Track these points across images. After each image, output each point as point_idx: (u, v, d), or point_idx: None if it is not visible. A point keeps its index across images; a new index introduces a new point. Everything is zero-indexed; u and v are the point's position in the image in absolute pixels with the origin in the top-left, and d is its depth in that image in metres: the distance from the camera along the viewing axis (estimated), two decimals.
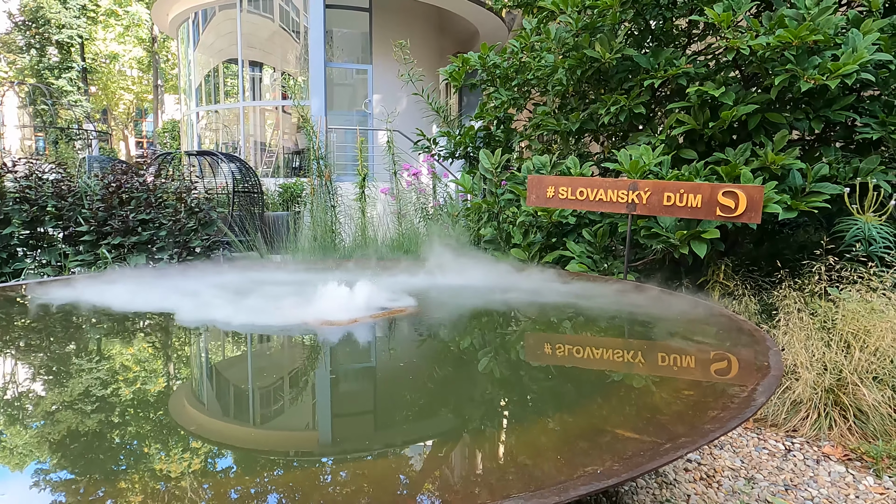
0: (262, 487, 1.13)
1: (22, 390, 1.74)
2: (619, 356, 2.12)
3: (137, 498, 1.07)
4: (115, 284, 2.93)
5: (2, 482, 1.03)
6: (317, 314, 2.41)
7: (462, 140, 6.64)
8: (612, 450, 1.23)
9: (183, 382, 1.89)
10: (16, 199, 4.77)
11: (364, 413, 1.63)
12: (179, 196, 5.19)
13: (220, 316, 2.45)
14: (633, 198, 3.82)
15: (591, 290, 3.18)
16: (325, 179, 6.08)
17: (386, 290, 2.85)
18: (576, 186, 4.03)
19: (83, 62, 31.75)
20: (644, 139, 4.56)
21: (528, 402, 1.65)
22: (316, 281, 3.28)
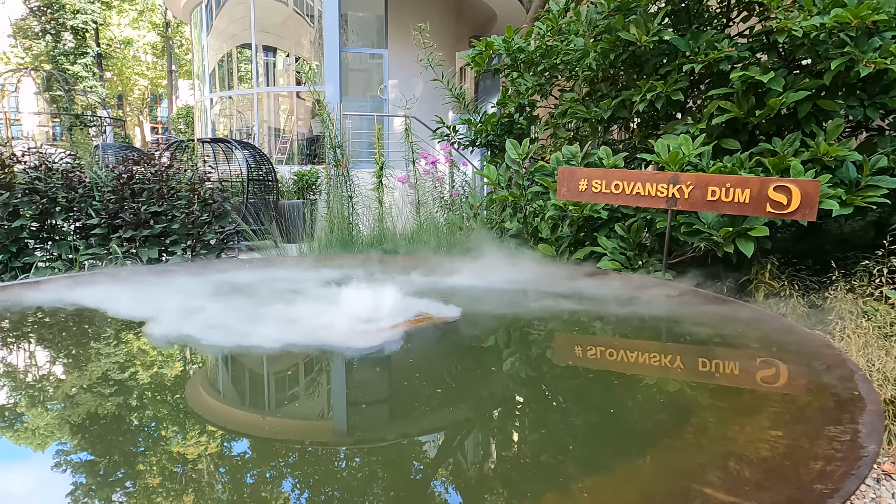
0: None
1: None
2: (683, 380, 1.88)
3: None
4: (96, 286, 2.64)
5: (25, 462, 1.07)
6: (340, 328, 2.15)
7: (483, 128, 6.38)
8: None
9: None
10: (25, 191, 4.61)
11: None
12: (192, 187, 5.01)
13: (217, 334, 2.05)
14: (673, 192, 3.55)
15: (650, 296, 2.89)
16: (341, 168, 5.87)
17: (418, 294, 2.62)
18: (611, 179, 3.77)
19: (98, 48, 31.72)
20: (681, 128, 4.28)
21: (606, 445, 1.43)
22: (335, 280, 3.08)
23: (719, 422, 1.51)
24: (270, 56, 18.62)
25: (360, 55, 14.45)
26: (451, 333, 2.34)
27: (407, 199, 7.07)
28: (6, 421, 1.51)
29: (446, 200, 7.04)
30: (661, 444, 1.41)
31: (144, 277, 2.73)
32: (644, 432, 1.49)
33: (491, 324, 2.59)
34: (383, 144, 7.35)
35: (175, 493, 1.15)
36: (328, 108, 6.20)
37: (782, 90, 3.75)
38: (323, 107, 6.15)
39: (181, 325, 2.10)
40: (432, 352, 2.22)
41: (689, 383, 1.83)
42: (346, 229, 5.73)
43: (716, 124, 4.14)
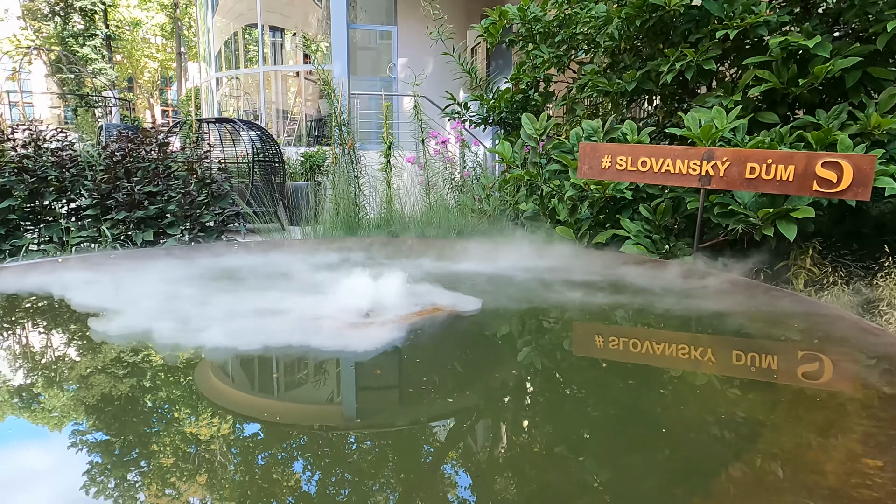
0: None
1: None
2: (752, 391, 1.58)
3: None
4: (58, 273, 2.33)
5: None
6: (332, 323, 1.83)
7: (496, 104, 6.05)
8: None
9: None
10: (14, 170, 4.37)
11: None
12: (190, 166, 4.75)
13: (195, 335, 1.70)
14: (707, 169, 3.23)
15: (704, 287, 2.56)
16: (347, 148, 5.58)
17: (429, 281, 2.33)
18: (637, 156, 3.46)
19: (107, 29, 31.44)
20: (713, 101, 3.93)
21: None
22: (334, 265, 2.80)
23: (798, 447, 1.22)
24: (278, 37, 18.26)
25: (369, 34, 14.06)
26: (471, 331, 2.02)
27: (416, 181, 6.78)
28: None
29: (457, 182, 6.74)
30: (732, 479, 1.12)
31: (120, 262, 2.46)
32: (708, 461, 1.20)
33: (518, 319, 2.25)
34: (391, 124, 7.05)
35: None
36: (334, 86, 5.89)
37: (829, 56, 3.40)
38: (329, 84, 5.84)
39: (137, 320, 1.79)
40: (447, 358, 1.81)
41: (760, 394, 1.53)
42: (352, 211, 5.46)
43: (752, 96, 3.80)
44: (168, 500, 1.04)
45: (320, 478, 1.12)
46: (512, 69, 5.90)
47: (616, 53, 4.76)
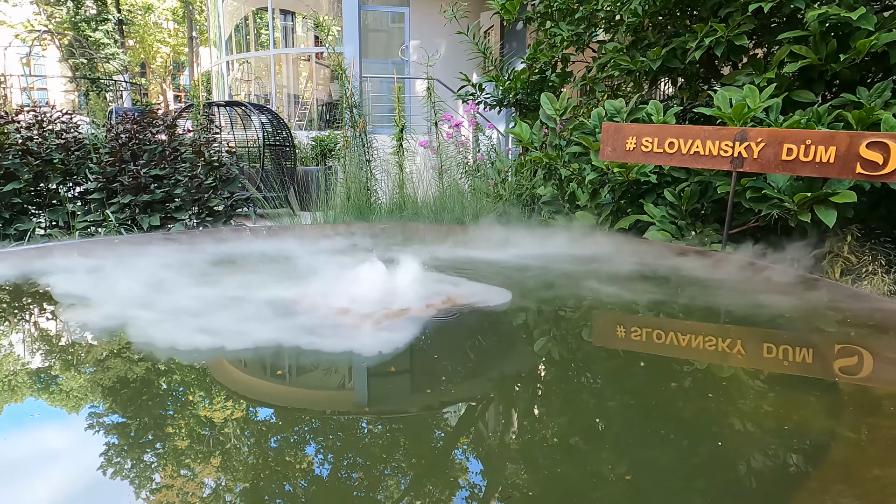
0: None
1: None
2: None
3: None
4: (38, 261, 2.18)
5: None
6: (338, 319, 1.66)
7: (512, 85, 5.85)
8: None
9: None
10: (18, 153, 4.27)
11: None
12: (198, 149, 4.62)
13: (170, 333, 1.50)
14: (740, 150, 3.04)
15: (760, 281, 2.37)
16: (359, 130, 5.42)
17: (449, 271, 2.18)
18: (664, 137, 3.27)
19: (119, 14, 31.35)
20: (744, 79, 3.72)
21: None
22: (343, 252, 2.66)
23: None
24: (289, 20, 18.06)
25: (381, 16, 13.80)
26: (501, 329, 1.84)
27: (429, 165, 6.61)
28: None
29: (471, 166, 6.56)
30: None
31: (115, 248, 2.34)
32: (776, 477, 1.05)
33: (554, 314, 2.05)
34: (404, 106, 6.87)
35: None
36: (345, 66, 5.72)
37: (873, 30, 3.17)
38: (339, 62, 5.67)
39: (115, 312, 1.63)
40: (471, 362, 1.58)
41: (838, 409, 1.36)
42: (363, 196, 5.31)
43: (786, 73, 3.58)
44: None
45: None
46: (527, 52, 5.68)
47: (639, 30, 4.54)
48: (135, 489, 0.98)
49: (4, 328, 1.74)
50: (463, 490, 0.99)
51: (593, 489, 1.00)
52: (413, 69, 12.11)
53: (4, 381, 1.37)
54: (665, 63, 4.07)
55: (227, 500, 0.95)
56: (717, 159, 3.12)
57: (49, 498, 0.96)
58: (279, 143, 8.71)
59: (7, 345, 1.61)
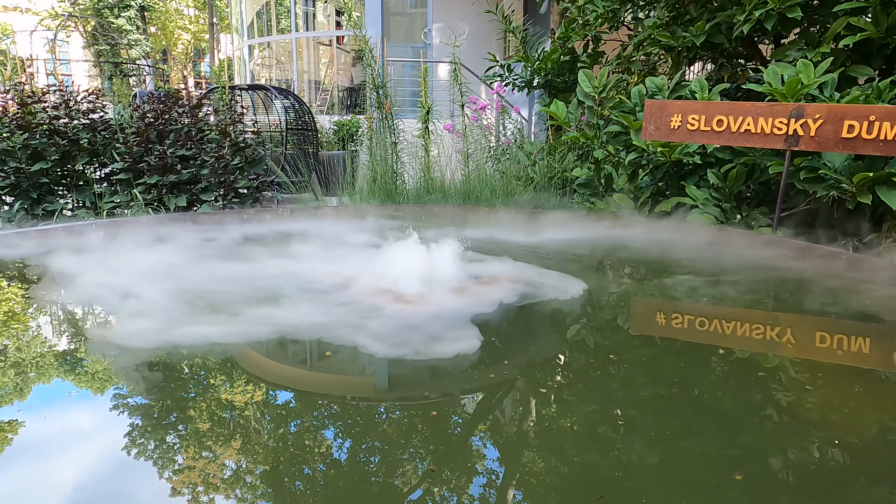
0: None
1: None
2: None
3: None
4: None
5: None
6: (377, 308, 1.55)
7: (542, 66, 5.68)
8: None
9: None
10: (46, 132, 4.24)
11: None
12: (223, 130, 4.54)
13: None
14: (795, 128, 2.86)
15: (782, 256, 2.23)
16: (384, 111, 5.30)
17: (505, 257, 2.06)
18: (712, 114, 3.10)
19: (141, 0, 31.50)
20: (795, 54, 3.52)
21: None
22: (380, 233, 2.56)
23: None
24: (310, 6, 17.93)
25: (403, 0, 13.62)
26: (583, 327, 1.70)
27: (454, 148, 6.47)
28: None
29: (497, 150, 6.41)
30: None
31: (120, 229, 2.27)
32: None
33: (650, 309, 1.89)
34: (429, 86, 6.72)
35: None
36: (370, 45, 5.59)
37: None
38: (366, 42, 5.54)
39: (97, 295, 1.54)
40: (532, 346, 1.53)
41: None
42: (390, 179, 5.20)
43: (842, 47, 3.37)
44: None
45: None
46: (549, 34, 5.51)
47: (680, 6, 4.34)
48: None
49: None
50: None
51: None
52: (436, 53, 11.92)
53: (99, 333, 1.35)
54: (709, 38, 3.88)
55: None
56: (770, 137, 2.95)
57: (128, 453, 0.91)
58: (302, 127, 8.63)
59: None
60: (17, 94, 4.37)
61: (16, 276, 1.98)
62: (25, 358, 1.35)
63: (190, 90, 5.17)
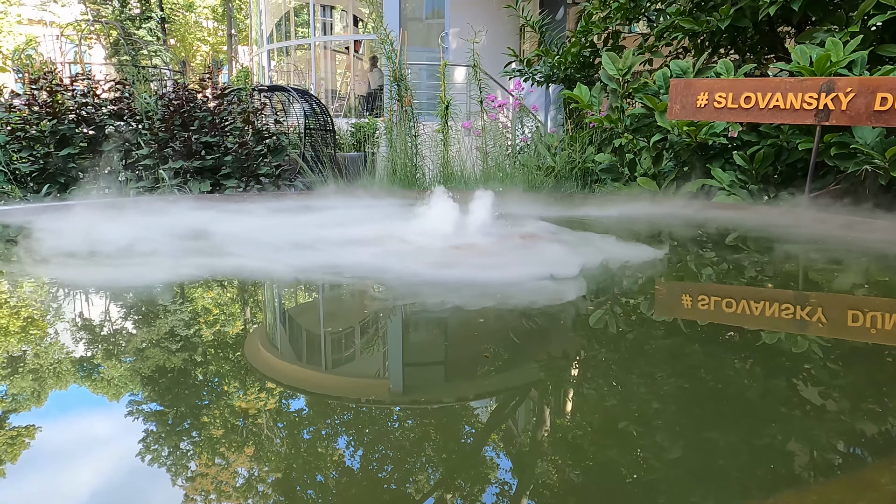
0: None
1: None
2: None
3: None
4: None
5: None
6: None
7: (562, 60, 5.68)
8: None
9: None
10: (73, 119, 4.31)
11: None
12: (246, 117, 4.59)
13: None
14: (826, 102, 2.83)
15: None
16: (405, 104, 5.33)
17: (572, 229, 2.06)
18: (740, 91, 3.07)
19: (161, 12, 32.18)
20: (822, 35, 3.49)
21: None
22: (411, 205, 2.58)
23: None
24: (328, 16, 18.19)
25: (419, 8, 13.75)
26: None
27: (473, 146, 6.49)
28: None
29: (515, 147, 6.41)
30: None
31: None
32: None
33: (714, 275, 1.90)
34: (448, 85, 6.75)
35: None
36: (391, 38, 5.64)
37: None
38: (386, 34, 5.59)
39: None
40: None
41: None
42: (410, 170, 5.22)
43: (872, 26, 3.34)
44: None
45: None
46: (565, 32, 5.53)
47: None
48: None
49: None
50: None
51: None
52: (452, 58, 12.00)
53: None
54: (734, 22, 3.86)
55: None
56: (800, 113, 2.92)
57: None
58: (320, 128, 8.70)
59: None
60: (47, 82, 4.46)
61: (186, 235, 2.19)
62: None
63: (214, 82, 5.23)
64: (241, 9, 34.61)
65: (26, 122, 4.22)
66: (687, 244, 2.54)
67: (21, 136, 4.18)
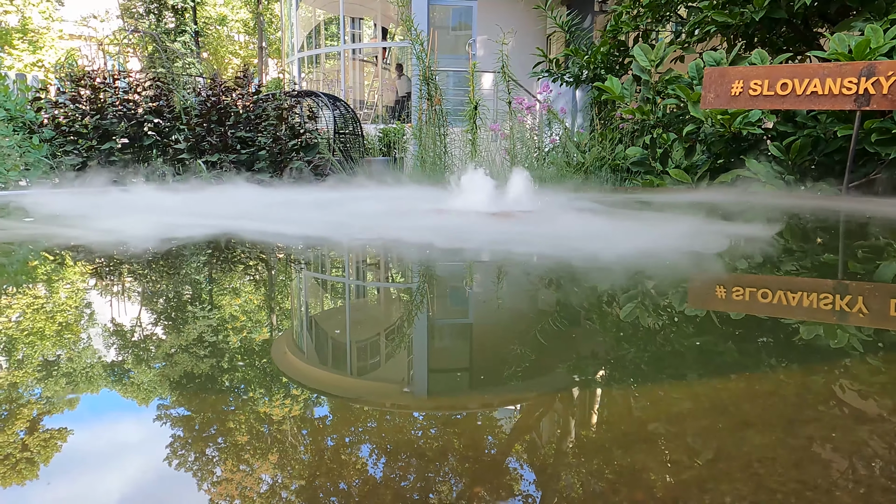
0: None
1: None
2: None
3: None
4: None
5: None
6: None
7: (591, 59, 5.69)
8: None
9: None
10: (116, 115, 4.46)
11: None
12: (280, 114, 4.69)
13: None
14: (866, 87, 2.78)
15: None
16: (434, 104, 5.39)
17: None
18: (776, 78, 3.04)
19: (195, 26, 33.16)
20: (860, 24, 3.43)
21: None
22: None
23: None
24: (357, 28, 18.53)
25: (447, 14, 13.91)
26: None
27: (500, 148, 6.51)
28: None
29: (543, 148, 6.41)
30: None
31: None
32: None
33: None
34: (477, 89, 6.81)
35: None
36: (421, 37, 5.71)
37: None
38: (417, 34, 5.67)
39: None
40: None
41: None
42: (439, 168, 5.26)
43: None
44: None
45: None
46: (591, 34, 5.54)
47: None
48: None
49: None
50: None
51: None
52: (480, 65, 12.09)
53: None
54: (768, 14, 3.82)
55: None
56: (839, 98, 2.87)
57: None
58: (349, 133, 8.83)
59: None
60: (90, 80, 4.62)
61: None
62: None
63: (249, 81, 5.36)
64: (272, 22, 35.47)
65: (71, 118, 4.39)
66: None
67: (66, 131, 4.33)
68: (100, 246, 1.93)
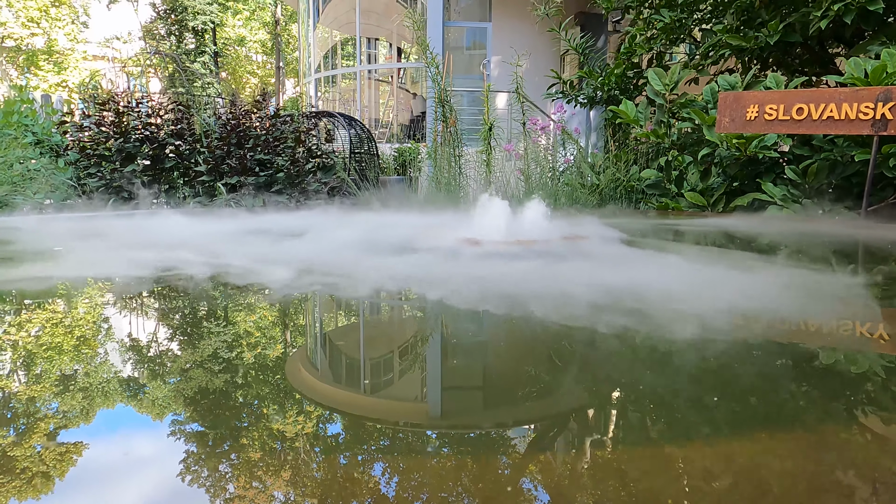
0: None
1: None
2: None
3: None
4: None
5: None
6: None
7: (605, 81, 5.72)
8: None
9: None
10: (139, 139, 4.56)
11: None
12: (298, 137, 4.77)
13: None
14: (883, 112, 2.77)
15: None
16: (449, 125, 5.44)
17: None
18: (791, 102, 3.04)
19: (215, 46, 33.91)
20: (876, 48, 3.43)
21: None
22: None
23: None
24: (373, 48, 18.84)
25: (462, 36, 14.09)
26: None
27: (515, 168, 6.55)
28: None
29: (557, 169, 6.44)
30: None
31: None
32: None
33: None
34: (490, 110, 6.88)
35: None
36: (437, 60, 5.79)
37: None
38: (432, 57, 5.75)
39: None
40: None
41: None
42: (454, 189, 5.30)
43: None
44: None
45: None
46: (605, 56, 5.59)
47: (752, 9, 4.32)
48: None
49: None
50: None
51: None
52: (494, 85, 12.20)
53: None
54: (783, 38, 3.83)
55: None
56: (855, 123, 2.86)
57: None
58: (365, 152, 8.93)
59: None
60: (115, 104, 4.75)
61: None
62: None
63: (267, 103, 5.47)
64: (290, 42, 36.15)
65: (95, 141, 4.50)
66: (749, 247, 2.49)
67: (90, 154, 4.45)
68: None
